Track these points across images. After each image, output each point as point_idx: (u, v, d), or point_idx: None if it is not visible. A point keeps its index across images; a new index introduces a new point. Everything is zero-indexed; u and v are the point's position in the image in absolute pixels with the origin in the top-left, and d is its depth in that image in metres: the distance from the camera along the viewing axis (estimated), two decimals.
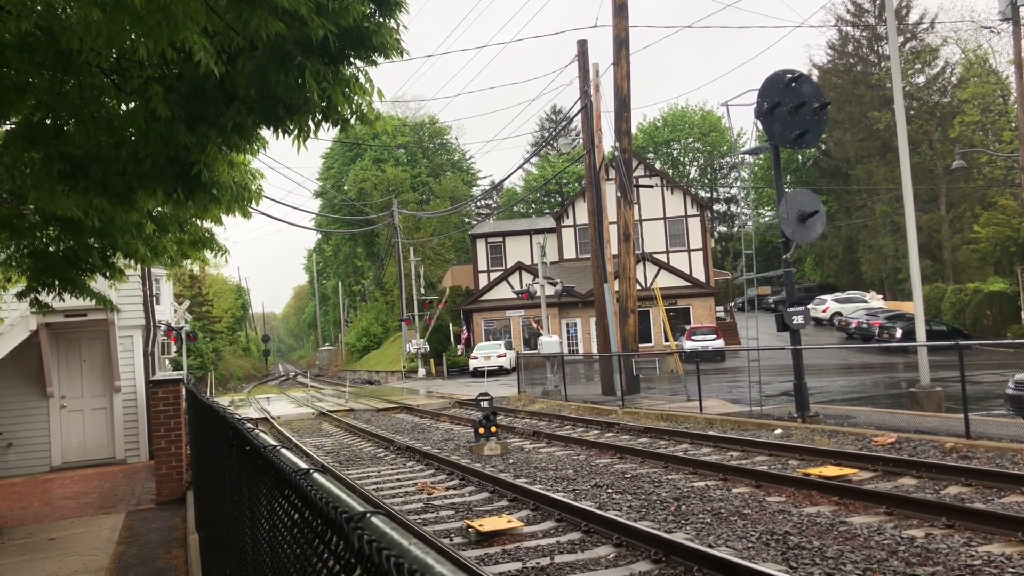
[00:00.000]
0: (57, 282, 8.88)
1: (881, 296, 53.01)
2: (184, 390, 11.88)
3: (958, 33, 52.41)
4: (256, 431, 3.31)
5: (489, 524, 9.26)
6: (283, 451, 2.42)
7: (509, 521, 9.40)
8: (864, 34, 60.74)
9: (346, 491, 1.64)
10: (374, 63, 5.66)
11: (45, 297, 9.32)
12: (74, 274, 8.92)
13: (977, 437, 12.74)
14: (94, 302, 9.87)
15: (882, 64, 57.81)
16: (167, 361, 25.55)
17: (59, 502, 12.51)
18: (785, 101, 17.45)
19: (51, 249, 8.76)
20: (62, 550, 9.17)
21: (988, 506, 8.87)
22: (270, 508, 2.60)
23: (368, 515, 1.34)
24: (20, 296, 9.49)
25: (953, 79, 55.21)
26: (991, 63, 50.62)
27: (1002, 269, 46.47)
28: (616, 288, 26.84)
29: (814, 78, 48.68)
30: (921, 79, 56.61)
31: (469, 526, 9.30)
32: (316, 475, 1.86)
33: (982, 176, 48.13)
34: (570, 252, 53.94)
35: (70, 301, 10.00)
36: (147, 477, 14.21)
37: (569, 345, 47.66)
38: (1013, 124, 39.52)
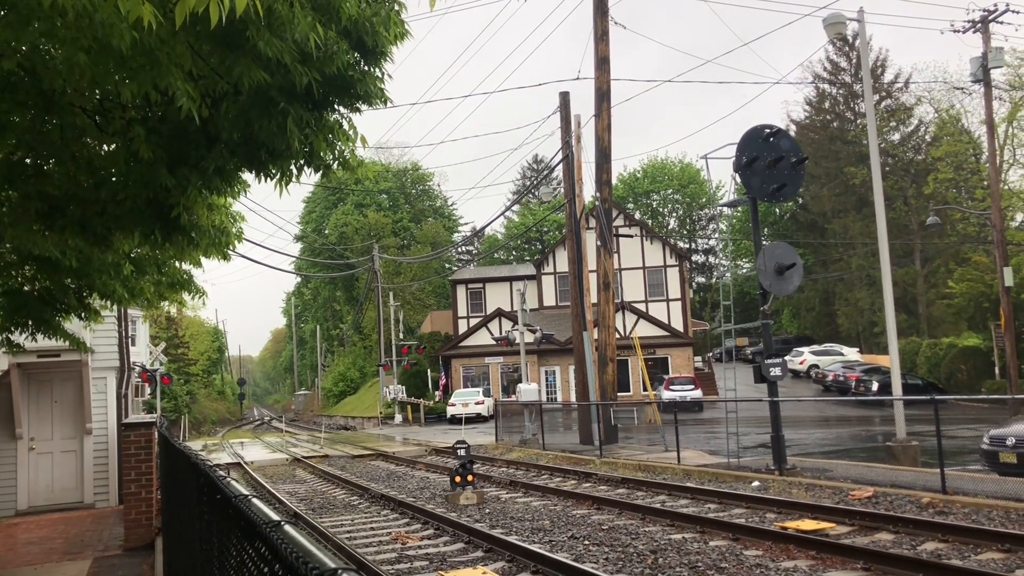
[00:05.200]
0: (31, 322, 8.77)
1: (857, 349, 53.34)
2: (156, 434, 11.70)
3: (931, 93, 53.56)
4: (227, 479, 3.26)
5: None
6: (255, 501, 2.37)
7: (484, 573, 9.26)
8: (841, 92, 61.98)
9: (318, 545, 1.61)
10: (358, 110, 5.69)
11: (17, 337, 9.20)
12: (49, 314, 8.82)
13: (953, 492, 12.74)
14: (68, 343, 9.75)
15: (858, 121, 58.91)
16: (140, 403, 25.20)
17: (23, 548, 12.19)
18: (763, 155, 17.69)
19: (26, 288, 8.67)
20: None
21: (965, 563, 8.83)
22: (239, 559, 2.55)
23: (340, 572, 1.31)
24: None
25: (927, 137, 56.29)
26: (963, 123, 51.71)
27: (976, 324, 46.96)
28: (595, 336, 26.85)
29: (792, 133, 49.47)
30: (896, 136, 57.70)
31: None
32: (287, 528, 1.83)
33: (956, 232, 48.88)
34: (550, 300, 54.05)
35: (43, 341, 9.86)
36: (116, 522, 13.90)
37: (548, 393, 47.50)
38: (985, 182, 40.30)
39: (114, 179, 6.11)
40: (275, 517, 2.02)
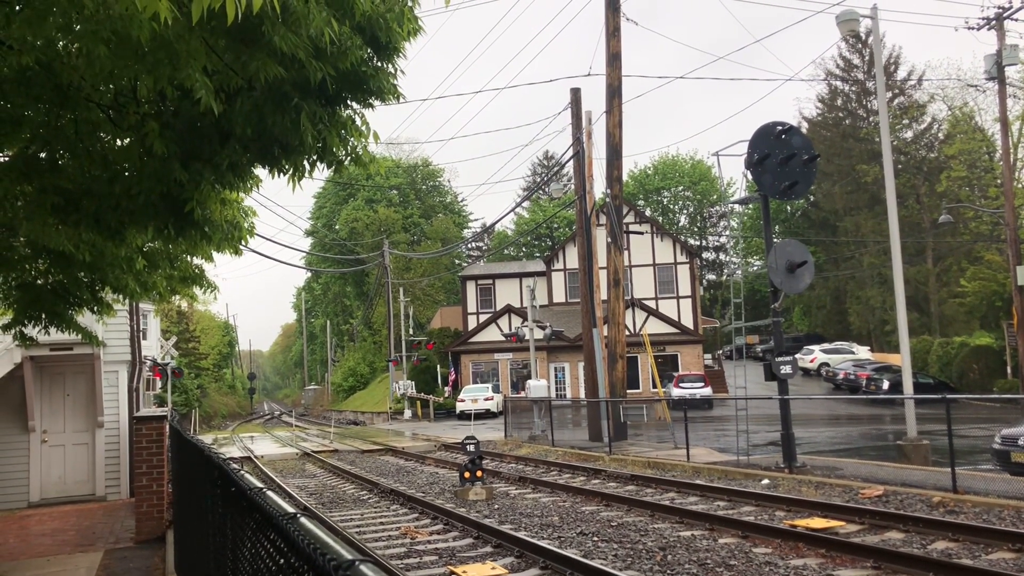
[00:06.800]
0: (44, 315, 8.82)
1: (868, 348, 53.13)
2: (168, 427, 11.76)
3: (945, 90, 53.25)
4: (241, 472, 3.28)
5: (473, 571, 9.14)
6: (270, 494, 2.39)
7: (493, 568, 9.27)
8: (853, 89, 61.65)
9: (334, 537, 1.62)
10: (371, 106, 5.70)
11: (30, 330, 9.25)
12: (62, 308, 8.87)
13: (964, 491, 12.70)
14: (80, 336, 9.80)
15: (871, 118, 58.59)
16: (151, 397, 25.32)
17: (35, 539, 12.28)
18: (775, 152, 17.64)
19: (40, 282, 8.72)
20: None
21: (975, 562, 8.81)
22: (254, 551, 2.57)
23: (357, 563, 1.33)
24: (5, 329, 9.41)
25: (940, 135, 55.97)
26: (977, 120, 51.39)
27: (988, 323, 46.73)
28: (605, 333, 26.83)
29: (804, 131, 49.26)
30: (909, 134, 57.38)
31: (452, 572, 9.18)
32: (304, 519, 1.84)
33: (968, 231, 48.62)
34: (560, 296, 53.99)
35: (56, 335, 9.92)
36: (127, 515, 13.98)
37: (557, 389, 47.45)
38: (998, 180, 40.06)
39: (128, 174, 6.14)
40: (290, 510, 2.03)
